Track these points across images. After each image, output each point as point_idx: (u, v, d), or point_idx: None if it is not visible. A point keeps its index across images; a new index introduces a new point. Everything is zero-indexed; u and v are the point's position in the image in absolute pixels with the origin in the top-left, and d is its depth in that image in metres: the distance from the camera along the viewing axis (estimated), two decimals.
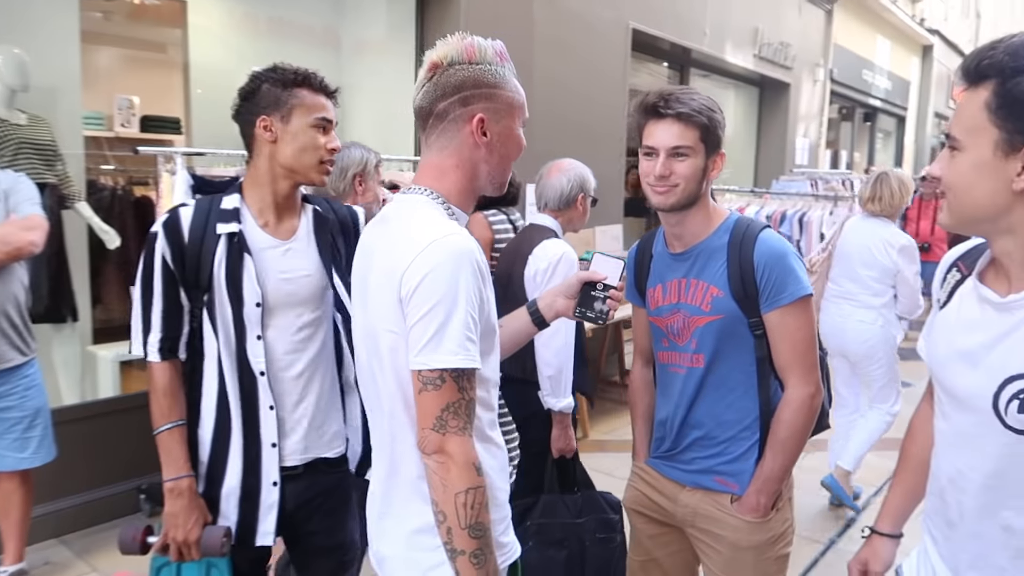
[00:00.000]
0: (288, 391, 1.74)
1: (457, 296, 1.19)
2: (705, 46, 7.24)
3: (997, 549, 1.15)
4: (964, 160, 1.10)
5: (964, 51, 17.57)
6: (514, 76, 1.37)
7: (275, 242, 1.73)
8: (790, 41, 8.92)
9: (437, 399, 1.19)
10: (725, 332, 1.71)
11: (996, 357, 1.12)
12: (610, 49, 5.84)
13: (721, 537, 1.76)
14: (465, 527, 1.18)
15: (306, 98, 1.70)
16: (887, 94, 13.33)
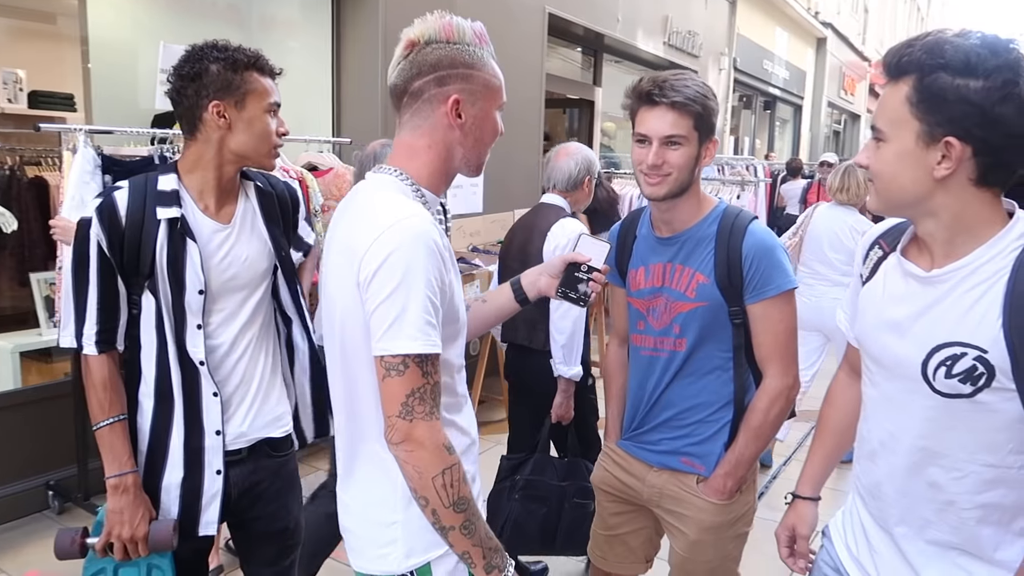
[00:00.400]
0: (232, 375, 1.70)
1: (416, 281, 1.17)
2: (618, 32, 7.36)
3: (924, 503, 1.24)
4: (889, 150, 1.16)
5: (854, 44, 18.56)
6: (493, 59, 1.34)
7: (217, 226, 1.67)
8: (697, 30, 9.19)
9: (402, 385, 1.17)
10: (707, 319, 1.71)
11: (923, 327, 1.19)
12: (527, 33, 5.86)
13: (685, 517, 1.80)
14: (449, 505, 1.18)
15: (258, 82, 1.64)
16: (785, 83, 13.94)
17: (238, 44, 1.66)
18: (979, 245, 1.15)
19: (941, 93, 1.10)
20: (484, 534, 1.22)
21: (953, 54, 1.09)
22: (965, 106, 1.09)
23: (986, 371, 1.13)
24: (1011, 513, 1.19)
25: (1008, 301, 1.11)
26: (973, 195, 1.14)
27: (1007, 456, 1.16)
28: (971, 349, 1.14)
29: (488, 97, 1.32)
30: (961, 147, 1.10)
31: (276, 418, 1.79)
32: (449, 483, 1.18)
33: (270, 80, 1.68)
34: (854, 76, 19.09)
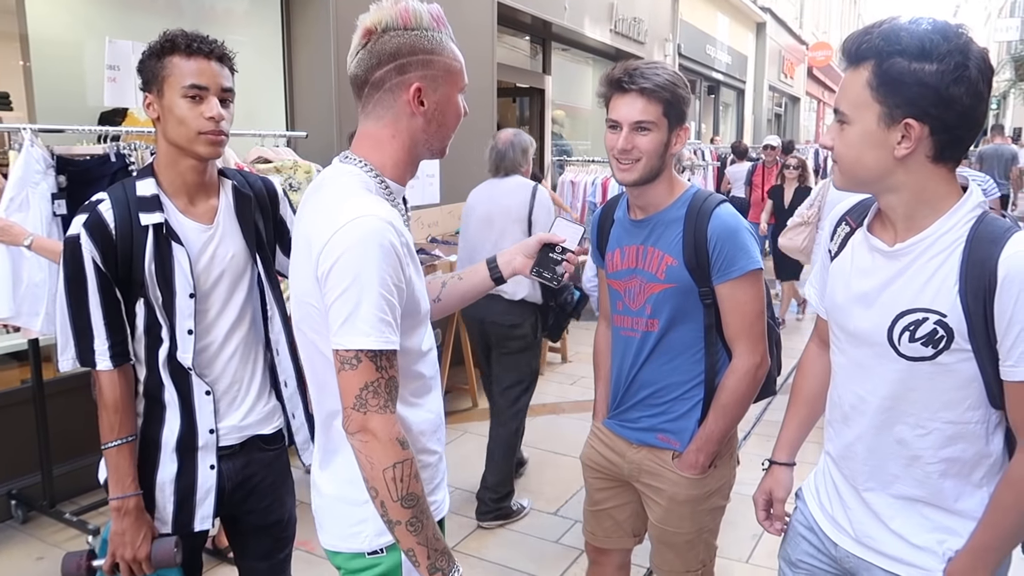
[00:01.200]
0: (223, 373, 1.70)
1: (369, 279, 1.18)
2: (566, 21, 7.42)
3: (892, 460, 1.34)
4: (852, 132, 1.24)
5: (792, 28, 18.98)
6: (452, 41, 1.34)
7: (201, 227, 1.65)
8: (642, 17, 9.31)
9: (356, 378, 1.19)
10: (678, 299, 1.77)
11: (888, 297, 1.28)
12: (477, 21, 5.86)
13: (661, 490, 1.88)
14: (397, 499, 1.19)
15: (176, 66, 1.55)
16: (728, 68, 14.21)
17: (178, 29, 1.59)
18: (937, 218, 1.24)
19: (899, 77, 1.17)
20: (432, 534, 1.22)
21: (909, 40, 1.17)
22: (921, 88, 1.16)
23: (946, 334, 1.22)
24: (970, 465, 1.29)
25: (964, 269, 1.20)
26: (931, 171, 1.23)
27: (965, 412, 1.26)
28: (932, 314, 1.23)
29: (449, 81, 1.32)
30: (919, 127, 1.18)
31: (268, 414, 1.80)
32: (399, 477, 1.19)
33: (201, 60, 1.56)
34: (793, 60, 19.54)
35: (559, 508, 3.55)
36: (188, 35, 1.57)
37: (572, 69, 9.07)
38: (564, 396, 5.18)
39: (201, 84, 1.55)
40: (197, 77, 1.55)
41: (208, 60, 1.58)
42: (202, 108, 1.56)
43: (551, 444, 4.31)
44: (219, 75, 1.59)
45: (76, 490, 3.44)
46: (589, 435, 2.07)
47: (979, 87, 1.17)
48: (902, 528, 1.34)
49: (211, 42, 1.60)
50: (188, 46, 1.55)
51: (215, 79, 1.58)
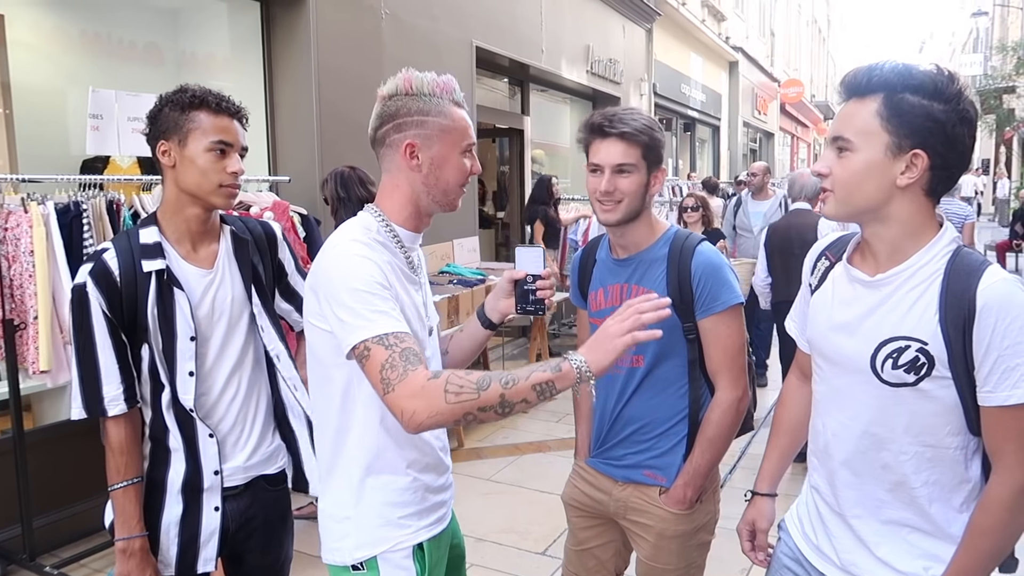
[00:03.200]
0: (225, 416, 1.74)
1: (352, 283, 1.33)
2: (543, 63, 7.57)
3: (877, 485, 1.37)
4: (856, 159, 1.29)
5: (763, 66, 19.43)
6: (456, 105, 1.49)
7: (201, 272, 1.71)
8: (617, 58, 9.51)
9: (372, 367, 1.27)
10: (663, 335, 1.76)
11: (870, 325, 1.33)
12: (456, 66, 5.98)
13: (649, 527, 1.88)
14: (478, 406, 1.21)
15: (203, 121, 1.65)
16: (702, 105, 14.50)
17: (201, 86, 1.70)
18: (919, 249, 1.30)
19: (911, 110, 1.24)
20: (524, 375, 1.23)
21: (922, 78, 1.25)
22: (932, 124, 1.24)
23: (927, 361, 1.27)
24: (949, 489, 1.33)
25: (943, 299, 1.26)
26: (922, 203, 1.30)
27: (944, 438, 1.31)
28: (914, 342, 1.28)
29: (445, 140, 1.47)
30: (926, 159, 1.25)
31: (272, 454, 1.84)
32: (456, 396, 1.21)
33: (226, 119, 1.68)
34: (765, 96, 19.98)
35: (547, 548, 3.53)
36: (216, 94, 1.68)
37: (550, 109, 9.23)
38: (550, 434, 5.17)
39: (228, 141, 1.67)
40: (224, 134, 1.66)
41: (232, 119, 1.70)
42: (225, 163, 1.66)
43: (537, 483, 4.30)
44: (240, 134, 1.71)
45: (57, 542, 3.38)
46: (571, 474, 2.08)
47: (975, 131, 1.27)
48: (888, 555, 1.36)
49: (235, 103, 1.72)
50: (218, 104, 1.67)
51: (237, 137, 1.70)
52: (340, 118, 4.70)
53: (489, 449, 4.86)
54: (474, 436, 5.10)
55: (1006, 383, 1.22)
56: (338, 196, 3.32)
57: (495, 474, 4.43)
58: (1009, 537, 1.29)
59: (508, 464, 4.61)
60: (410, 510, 1.48)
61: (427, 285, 1.67)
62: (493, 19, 6.57)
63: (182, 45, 4.66)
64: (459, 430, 4.92)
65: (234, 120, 1.70)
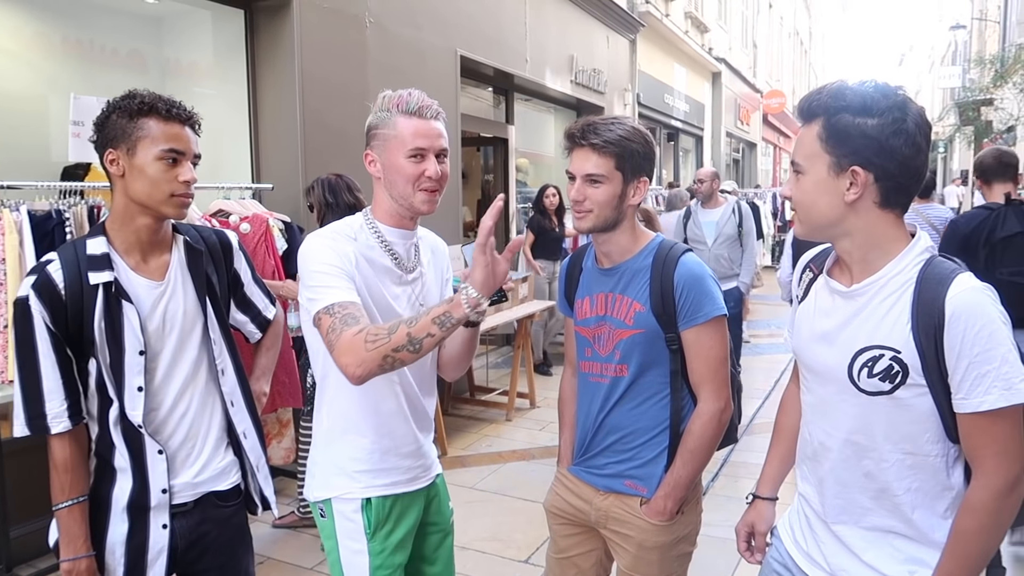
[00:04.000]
0: (176, 431, 1.69)
1: (311, 263, 1.59)
2: (527, 72, 7.61)
3: (861, 492, 1.39)
4: (807, 181, 1.37)
5: (746, 77, 19.61)
6: (407, 115, 1.66)
7: (151, 284, 1.66)
8: (601, 68, 9.57)
9: (323, 333, 1.51)
10: (646, 345, 1.82)
11: (847, 335, 1.37)
12: (441, 75, 6.00)
13: (629, 537, 1.88)
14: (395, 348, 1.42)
15: (153, 128, 1.60)
16: (686, 115, 14.61)
17: (150, 91, 1.64)
18: (889, 260, 1.34)
19: (845, 130, 1.30)
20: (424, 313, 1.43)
21: (852, 97, 1.31)
22: (864, 139, 1.29)
23: (901, 369, 1.30)
24: (932, 497, 1.35)
25: (915, 308, 1.29)
26: (879, 216, 1.34)
27: (924, 445, 1.33)
28: (887, 351, 1.31)
29: (389, 148, 1.66)
30: (864, 174, 1.30)
31: (224, 470, 1.79)
32: (373, 344, 1.42)
33: (176, 126, 1.63)
34: (748, 107, 20.16)
35: (530, 556, 3.53)
36: (165, 100, 1.63)
37: (535, 118, 9.26)
38: (533, 442, 5.18)
39: (179, 149, 1.62)
40: (176, 142, 1.62)
41: (183, 126, 1.64)
42: (177, 171, 1.62)
43: (521, 491, 4.30)
44: (192, 141, 1.66)
45: (34, 553, 3.34)
46: (554, 482, 2.08)
47: (916, 139, 1.29)
48: (874, 560, 1.38)
49: (187, 109, 1.67)
50: (168, 111, 1.62)
51: (189, 145, 1.65)
52: (324, 126, 4.70)
53: (472, 457, 4.85)
54: (457, 444, 5.09)
55: (978, 389, 1.24)
56: (326, 202, 3.34)
57: (478, 482, 4.43)
58: (991, 541, 1.31)
59: (491, 472, 4.61)
60: (365, 467, 1.70)
61: (431, 280, 1.81)
62: (478, 28, 6.60)
63: (166, 52, 4.66)
64: (442, 438, 4.91)
65: (185, 127, 1.65)
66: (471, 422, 5.59)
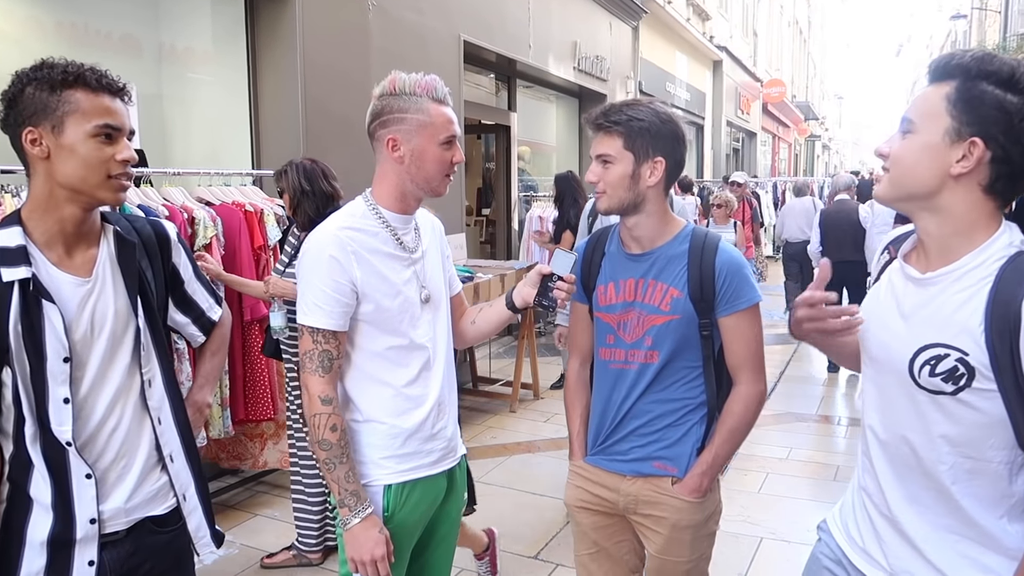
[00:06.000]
0: (107, 449, 1.49)
1: (312, 273, 1.65)
2: (530, 59, 7.50)
3: (922, 491, 1.30)
4: (915, 140, 1.25)
5: (747, 65, 19.49)
6: (436, 102, 1.68)
7: (77, 280, 1.45)
8: (604, 55, 9.47)
9: (301, 346, 1.69)
10: (679, 331, 1.81)
11: (913, 327, 1.27)
12: (443, 60, 5.90)
13: (662, 519, 1.86)
14: (316, 441, 1.65)
15: (82, 102, 1.39)
16: (687, 104, 14.50)
17: (68, 60, 1.43)
18: (971, 250, 1.23)
19: (980, 97, 1.20)
20: (343, 476, 1.65)
21: (1000, 67, 1.20)
22: (998, 113, 1.18)
23: (967, 372, 1.20)
24: (990, 503, 1.26)
25: (990, 308, 1.18)
26: (978, 200, 1.23)
27: (987, 451, 1.23)
28: (953, 351, 1.21)
29: (423, 134, 1.67)
30: (983, 149, 1.20)
31: (160, 491, 1.58)
32: (317, 425, 1.64)
33: (107, 98, 1.43)
34: (748, 96, 20.05)
35: (539, 552, 3.47)
36: (93, 68, 1.42)
37: (537, 106, 9.16)
38: (537, 434, 5.12)
39: (114, 124, 1.42)
40: (110, 116, 1.42)
41: (115, 97, 1.44)
42: (114, 150, 1.42)
43: (527, 484, 4.23)
44: (126, 115, 1.47)
45: None
46: (570, 477, 2.03)
47: None
48: (940, 561, 1.29)
49: (117, 78, 1.47)
50: (98, 81, 1.41)
51: (124, 119, 1.45)
52: (326, 112, 4.60)
53: (477, 450, 4.78)
54: None
55: None
56: (301, 189, 3.12)
57: (483, 476, 4.36)
58: None
59: (496, 466, 4.55)
60: (387, 452, 1.73)
61: (434, 257, 1.84)
62: (480, 14, 6.49)
63: (162, 37, 4.54)
64: None
65: (117, 99, 1.45)
66: (474, 414, 5.53)
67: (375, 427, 1.73)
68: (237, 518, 3.83)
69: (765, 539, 3.55)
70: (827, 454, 4.81)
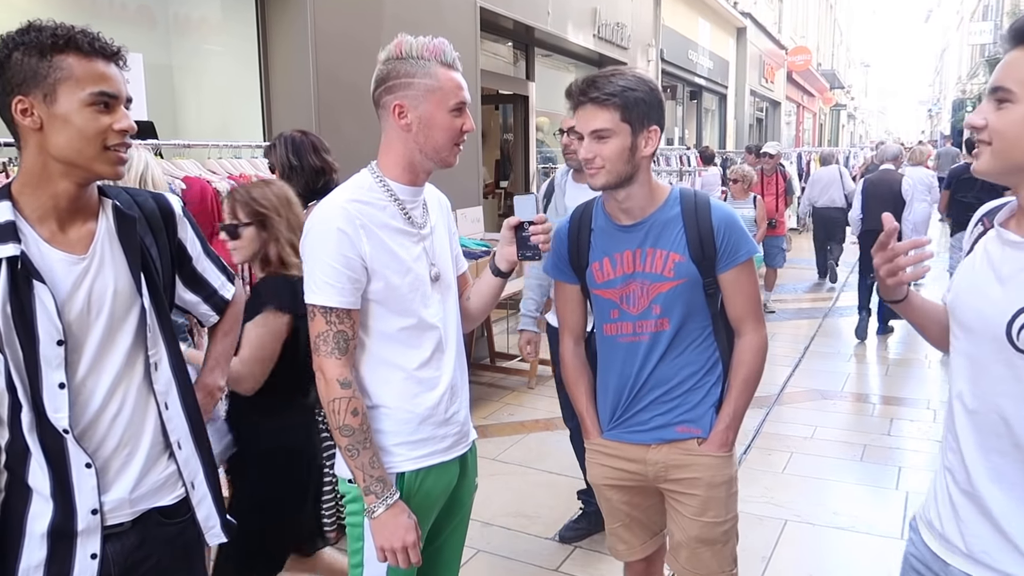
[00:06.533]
0: (108, 437, 1.40)
1: (319, 249, 1.55)
2: (549, 26, 7.30)
3: (1011, 464, 1.24)
4: (1018, 110, 1.17)
5: (771, 32, 19.03)
6: (445, 66, 1.59)
7: (72, 258, 1.35)
8: (625, 22, 9.22)
9: (313, 328, 1.58)
10: (687, 294, 1.81)
11: (1012, 290, 1.22)
12: (459, 27, 5.74)
13: (696, 480, 1.87)
14: (336, 427, 1.57)
15: (75, 68, 1.29)
16: (710, 73, 14.18)
17: (58, 22, 1.32)
18: None
19: None
20: (367, 461, 1.57)
21: None
22: None
23: None
24: None
25: None
26: None
27: None
28: None
29: (431, 100, 1.58)
30: None
31: (167, 481, 1.50)
32: (336, 410, 1.56)
33: (102, 63, 1.33)
34: (773, 64, 19.59)
35: (557, 532, 3.39)
36: (84, 31, 1.31)
37: (555, 76, 8.96)
38: (555, 411, 4.98)
39: (111, 92, 1.32)
40: (105, 83, 1.32)
41: (109, 62, 1.34)
42: (112, 119, 1.33)
43: (545, 463, 4.15)
44: (122, 81, 1.36)
45: None
46: (591, 456, 2.01)
47: None
48: (1018, 533, 1.23)
49: (111, 41, 1.36)
50: (91, 45, 1.31)
51: (120, 86, 1.35)
52: (338, 82, 4.48)
53: (494, 427, 4.71)
54: (478, 414, 4.95)
55: None
56: (289, 164, 2.97)
57: (500, 454, 4.29)
58: None
59: (514, 443, 4.47)
60: (400, 439, 1.65)
61: (442, 234, 1.76)
62: None
63: (171, 6, 4.43)
64: None
65: (111, 64, 1.35)
66: (492, 390, 5.45)
67: (387, 412, 1.65)
68: None
69: (790, 521, 3.45)
70: (854, 433, 4.67)
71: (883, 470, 4.07)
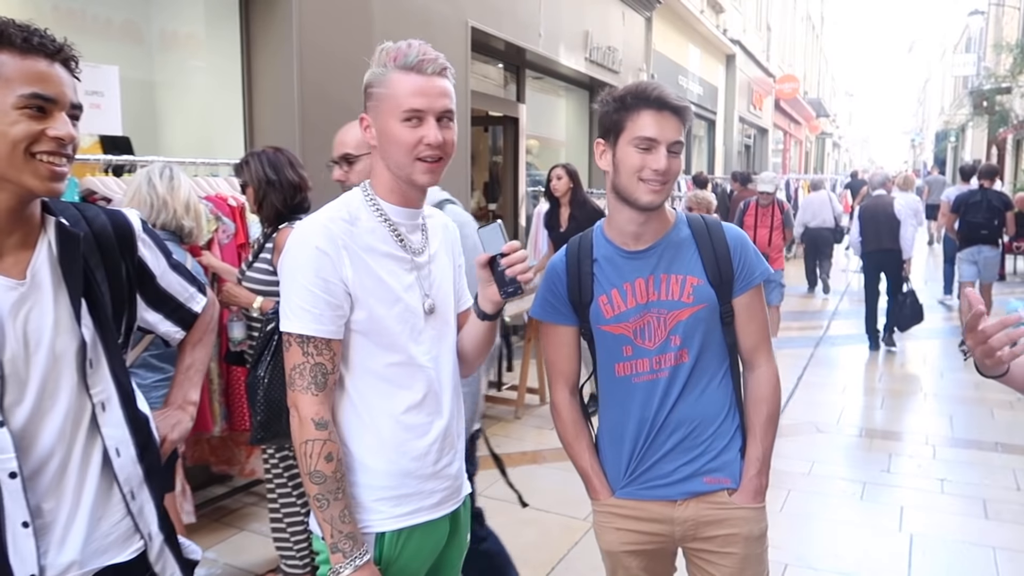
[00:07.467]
0: (52, 489, 1.24)
1: (297, 273, 1.40)
2: (540, 47, 7.22)
3: None
4: None
5: (760, 60, 19.16)
6: (402, 70, 1.41)
7: (8, 283, 1.20)
8: (616, 46, 9.17)
9: (288, 359, 1.42)
10: (706, 322, 1.67)
11: None
12: (450, 47, 5.62)
13: (733, 536, 1.68)
14: (307, 473, 1.40)
15: (5, 65, 1.14)
16: (699, 99, 14.19)
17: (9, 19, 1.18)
18: None
19: None
20: (338, 515, 1.40)
21: None
22: None
23: None
24: None
25: None
26: None
27: None
28: None
29: (382, 110, 1.43)
30: None
31: (123, 535, 1.33)
32: (308, 453, 1.39)
33: (42, 61, 1.17)
34: (761, 92, 19.71)
35: (547, 574, 3.20)
36: (22, 26, 1.16)
37: (546, 98, 8.88)
38: (544, 443, 4.85)
39: (47, 95, 1.17)
40: (42, 84, 1.16)
41: (52, 62, 1.19)
42: (47, 126, 1.17)
43: (532, 499, 3.93)
44: (66, 84, 1.21)
45: None
46: (601, 519, 1.78)
47: None
48: None
49: (55, 39, 1.21)
50: (26, 40, 1.16)
51: (63, 89, 1.20)
52: (324, 99, 4.34)
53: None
54: None
55: None
56: (267, 179, 2.82)
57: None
58: None
59: (499, 478, 4.27)
60: (380, 494, 1.48)
61: (443, 264, 1.59)
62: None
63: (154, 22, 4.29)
64: None
65: (55, 64, 1.19)
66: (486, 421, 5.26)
67: (366, 463, 1.47)
68: (223, 533, 3.58)
69: (790, 565, 3.29)
70: (852, 469, 4.53)
71: (885, 510, 3.93)
